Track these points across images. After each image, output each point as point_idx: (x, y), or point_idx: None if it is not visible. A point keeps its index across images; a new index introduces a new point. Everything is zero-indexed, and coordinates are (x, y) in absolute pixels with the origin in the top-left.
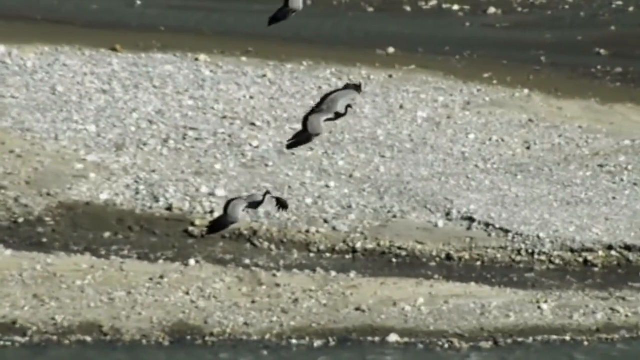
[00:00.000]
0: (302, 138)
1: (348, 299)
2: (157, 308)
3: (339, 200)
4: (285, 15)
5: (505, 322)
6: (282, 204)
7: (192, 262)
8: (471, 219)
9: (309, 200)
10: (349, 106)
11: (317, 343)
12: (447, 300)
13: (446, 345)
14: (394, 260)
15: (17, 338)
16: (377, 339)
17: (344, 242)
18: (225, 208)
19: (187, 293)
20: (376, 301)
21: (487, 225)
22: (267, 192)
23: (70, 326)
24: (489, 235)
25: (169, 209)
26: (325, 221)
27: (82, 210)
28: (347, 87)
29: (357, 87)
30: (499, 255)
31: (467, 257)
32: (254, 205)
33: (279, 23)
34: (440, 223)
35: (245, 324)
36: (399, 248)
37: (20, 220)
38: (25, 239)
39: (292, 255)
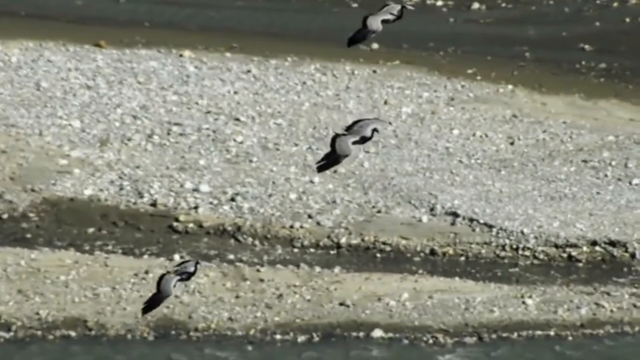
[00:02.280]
0: (330, 159)
1: (332, 294)
2: (142, 303)
3: (323, 195)
4: (365, 37)
5: (490, 317)
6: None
7: (176, 257)
8: (455, 214)
9: (293, 196)
10: (375, 130)
11: (301, 338)
12: (432, 295)
13: (430, 341)
14: (379, 255)
15: (2, 333)
16: (361, 334)
17: (328, 237)
18: (158, 284)
19: None
20: (360, 296)
21: (471, 220)
22: (198, 263)
23: (55, 321)
24: (473, 230)
25: (154, 204)
26: (310, 216)
27: (66, 205)
28: (377, 119)
29: (385, 122)
30: (483, 251)
31: (451, 252)
32: (186, 277)
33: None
34: (425, 218)
35: (230, 319)
36: (384, 243)
37: (5, 216)
38: (9, 234)
39: (276, 250)
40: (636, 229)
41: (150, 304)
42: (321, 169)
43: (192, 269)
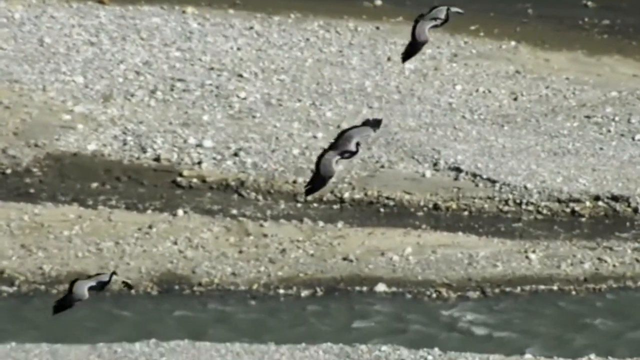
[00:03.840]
0: (317, 183)
1: (335, 249)
2: (145, 258)
3: None
4: (418, 50)
5: (493, 272)
6: (126, 284)
7: (180, 212)
8: (458, 170)
9: (296, 151)
10: (358, 144)
11: (305, 293)
12: (435, 250)
13: (434, 295)
14: (382, 210)
15: (5, 288)
16: (364, 288)
17: (332, 192)
18: (70, 287)
19: (175, 243)
20: (364, 251)
21: (474, 175)
22: (114, 273)
23: (58, 276)
24: (476, 185)
25: (157, 159)
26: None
27: (70, 161)
28: (366, 123)
29: (377, 123)
30: (486, 206)
31: (454, 207)
32: (100, 285)
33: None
34: (428, 173)
35: (233, 273)
36: (387, 198)
37: (8, 171)
38: (12, 189)
39: (279, 205)
40: (639, 184)
41: (60, 306)
42: (308, 193)
43: (106, 279)
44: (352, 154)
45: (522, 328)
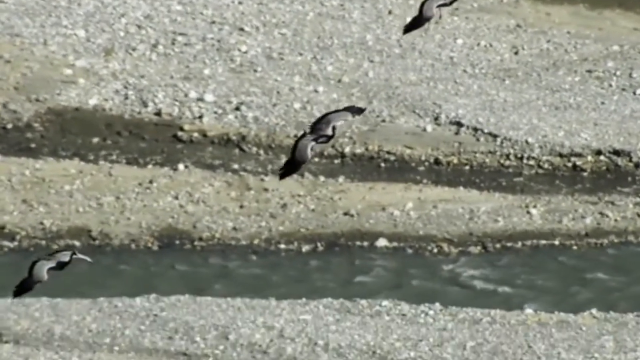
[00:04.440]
0: (291, 167)
1: (336, 204)
2: (146, 213)
3: (328, 105)
4: (421, 25)
5: (494, 227)
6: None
7: (181, 166)
8: (459, 124)
9: (297, 105)
10: (334, 128)
11: (306, 248)
12: (436, 204)
13: (435, 250)
14: (383, 164)
15: (6, 242)
16: (365, 243)
17: (333, 146)
18: (30, 270)
19: (176, 198)
20: (365, 206)
21: (476, 129)
22: (74, 253)
23: (59, 231)
24: (478, 139)
25: (158, 114)
26: None
27: (71, 115)
28: (348, 108)
29: (360, 110)
30: (487, 160)
31: (455, 161)
32: (60, 265)
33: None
34: (429, 127)
35: (234, 228)
36: (388, 152)
37: (9, 126)
38: (13, 144)
39: (280, 160)
40: None
41: (21, 288)
42: (282, 176)
43: (67, 259)
44: (329, 138)
45: (523, 283)
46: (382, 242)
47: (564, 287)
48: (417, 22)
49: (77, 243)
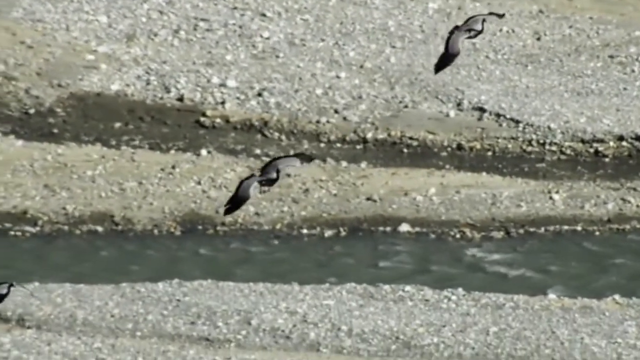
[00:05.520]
0: (234, 203)
1: (359, 189)
2: (169, 198)
3: (350, 90)
4: (451, 61)
5: (517, 212)
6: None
7: (203, 152)
8: (482, 110)
9: (319, 91)
10: (278, 171)
11: (328, 233)
12: (459, 190)
13: (458, 235)
14: (405, 150)
15: (28, 228)
16: (388, 228)
17: (355, 132)
18: None
19: (199, 183)
20: (387, 191)
21: (498, 115)
22: (12, 285)
23: (82, 216)
24: (500, 125)
25: (180, 99)
26: (336, 111)
27: (93, 101)
28: (298, 155)
29: (309, 158)
30: (510, 146)
31: (478, 147)
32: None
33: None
34: (452, 113)
35: (256, 213)
36: (410, 138)
37: (31, 111)
38: (36, 129)
39: (302, 145)
40: None
41: None
42: (227, 212)
43: (4, 291)
44: (272, 181)
45: (545, 268)
46: (404, 227)
47: (587, 272)
48: (446, 59)
49: (99, 228)
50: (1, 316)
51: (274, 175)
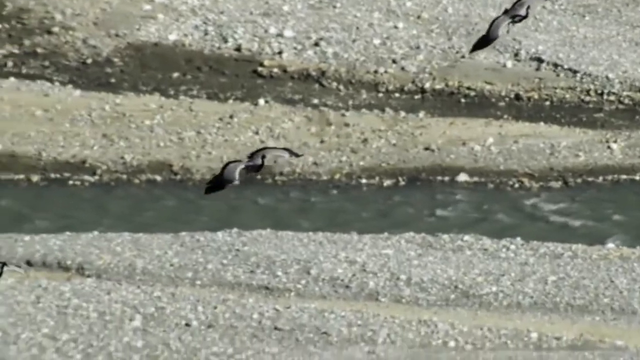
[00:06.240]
0: (217, 184)
1: (417, 139)
2: (227, 147)
3: (407, 40)
4: (490, 43)
5: (575, 162)
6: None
7: (261, 102)
8: (539, 60)
9: (377, 41)
10: (264, 157)
11: (387, 182)
12: (517, 139)
13: (516, 185)
14: (463, 100)
15: (87, 177)
16: (446, 178)
17: (413, 82)
18: None
19: (257, 133)
20: (445, 141)
21: (556, 65)
22: (4, 264)
23: (140, 165)
24: (558, 75)
25: (238, 49)
26: (394, 61)
27: (151, 50)
28: (287, 149)
29: (296, 155)
30: (567, 96)
31: (536, 97)
32: None
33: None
34: (509, 63)
35: (315, 163)
36: (468, 88)
37: (89, 61)
38: (93, 79)
39: (360, 95)
40: None
41: None
42: (207, 191)
43: None
44: (258, 167)
45: (604, 218)
46: (463, 177)
47: None
48: (484, 42)
49: (158, 178)
50: (61, 265)
51: (259, 161)
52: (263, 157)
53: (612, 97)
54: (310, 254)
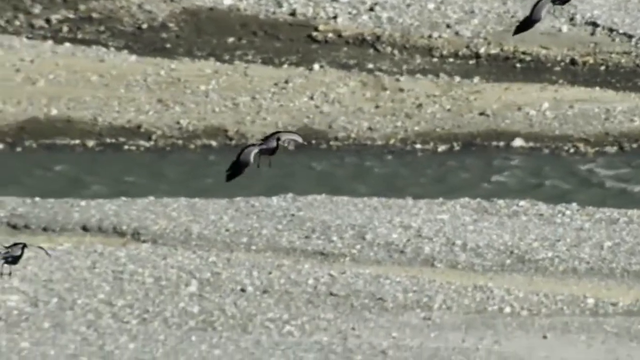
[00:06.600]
0: (235, 169)
1: (472, 104)
2: (282, 113)
3: (462, 5)
4: (531, 26)
5: (631, 127)
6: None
7: (316, 66)
8: (595, 24)
9: (431, 6)
10: (278, 139)
11: (442, 147)
12: (572, 104)
13: (572, 150)
14: (518, 65)
15: (142, 142)
16: (501, 143)
17: (467, 47)
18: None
19: (312, 98)
20: (500, 106)
21: (611, 30)
22: (25, 246)
23: (195, 130)
24: (613, 40)
25: (293, 14)
26: (448, 26)
27: (206, 15)
28: (297, 134)
29: (302, 144)
30: (623, 60)
31: (591, 61)
32: (12, 260)
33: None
34: (564, 28)
35: (370, 128)
36: (523, 53)
37: (144, 26)
38: (149, 44)
39: (415, 60)
40: None
41: None
42: (228, 178)
43: (18, 253)
44: (272, 150)
45: None
46: (518, 142)
47: None
48: (526, 23)
49: (213, 143)
50: (117, 230)
51: (274, 144)
52: (278, 139)
53: None
54: (365, 219)
